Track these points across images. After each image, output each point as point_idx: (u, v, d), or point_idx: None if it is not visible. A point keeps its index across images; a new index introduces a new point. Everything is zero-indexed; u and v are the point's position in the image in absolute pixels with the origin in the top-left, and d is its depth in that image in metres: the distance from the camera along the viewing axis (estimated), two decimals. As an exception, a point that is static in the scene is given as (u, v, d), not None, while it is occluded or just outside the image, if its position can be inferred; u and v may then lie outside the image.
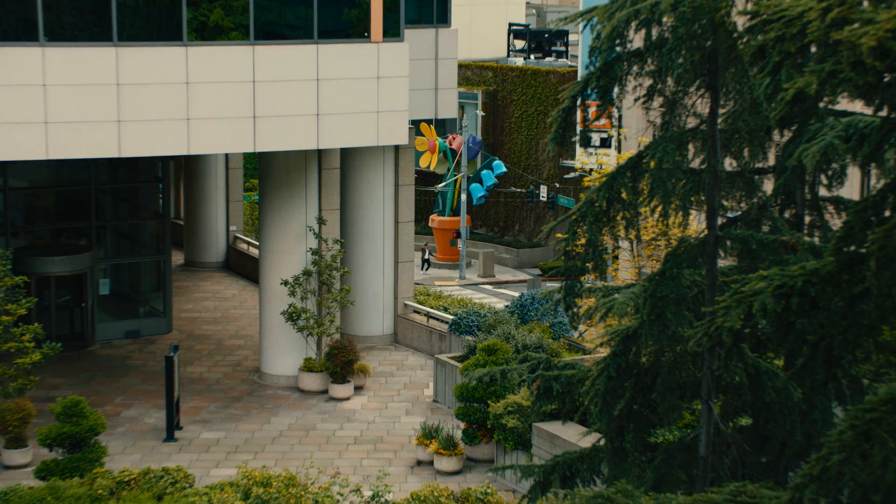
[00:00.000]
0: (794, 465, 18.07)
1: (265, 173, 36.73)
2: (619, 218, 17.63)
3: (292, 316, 35.80)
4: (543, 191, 63.47)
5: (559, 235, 18.39)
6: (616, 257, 38.54)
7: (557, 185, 63.11)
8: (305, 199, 36.31)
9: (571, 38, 72.85)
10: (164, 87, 31.38)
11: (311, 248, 36.28)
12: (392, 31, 34.32)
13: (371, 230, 40.98)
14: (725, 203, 17.73)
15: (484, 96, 68.22)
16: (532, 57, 72.27)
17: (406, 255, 41.61)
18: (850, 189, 36.73)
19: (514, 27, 73.94)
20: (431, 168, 65.65)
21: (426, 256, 62.70)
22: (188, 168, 51.16)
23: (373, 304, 41.17)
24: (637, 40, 16.98)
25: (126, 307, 43.15)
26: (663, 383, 17.76)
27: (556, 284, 19.88)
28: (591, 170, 48.77)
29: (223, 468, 30.49)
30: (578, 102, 17.50)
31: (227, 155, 50.59)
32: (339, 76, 33.32)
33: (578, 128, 17.75)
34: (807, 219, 19.28)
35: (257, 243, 45.35)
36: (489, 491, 24.46)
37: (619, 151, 52.55)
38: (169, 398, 32.39)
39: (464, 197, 61.68)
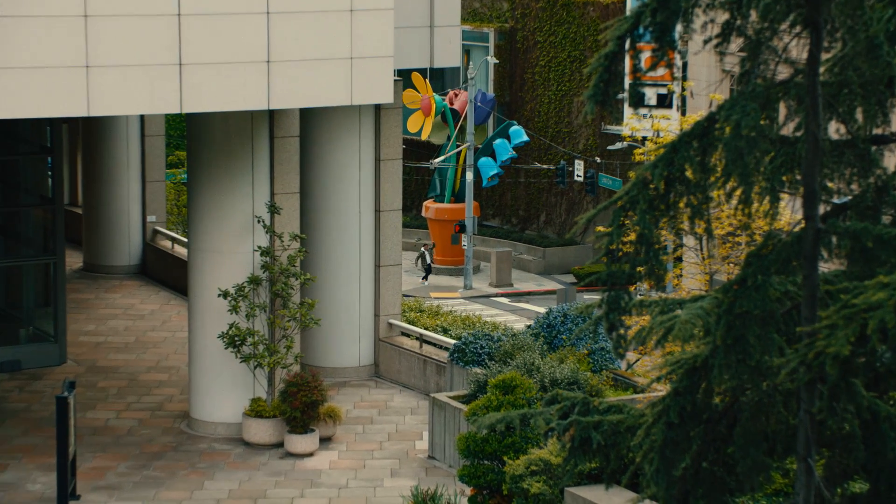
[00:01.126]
0: (925, 545, 18.12)
1: (196, 143, 36.78)
2: (682, 205, 17.66)
3: (234, 340, 35.83)
4: (579, 167, 63.57)
5: (600, 229, 18.43)
6: (679, 259, 38.63)
7: (598, 159, 63.23)
8: (252, 179, 36.35)
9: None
10: (52, 20, 31.36)
11: (259, 247, 36.34)
12: (370, -53, 34.40)
13: (343, 222, 41.02)
14: (830, 184, 17.77)
15: (497, 37, 68.30)
16: (564, -18, 72.34)
17: (391, 256, 41.64)
18: None
19: (540, -59, 74.06)
20: (425, 136, 65.73)
21: (428, 261, 62.52)
22: (88, 135, 51.19)
23: (346, 324, 41.21)
24: (708, -41, 17.00)
25: (1, 329, 43.13)
26: (744, 433, 17.80)
27: (596, 296, 19.92)
28: (645, 138, 48.83)
29: (138, 551, 30.59)
30: (627, 46, 17.53)
31: (142, 118, 50.63)
32: (298, 8, 33.35)
33: (627, 81, 17.77)
34: (943, 206, 19.33)
35: (185, 240, 45.42)
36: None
37: (683, 113, 52.65)
38: (62, 455, 32.40)
39: (470, 176, 61.75)
